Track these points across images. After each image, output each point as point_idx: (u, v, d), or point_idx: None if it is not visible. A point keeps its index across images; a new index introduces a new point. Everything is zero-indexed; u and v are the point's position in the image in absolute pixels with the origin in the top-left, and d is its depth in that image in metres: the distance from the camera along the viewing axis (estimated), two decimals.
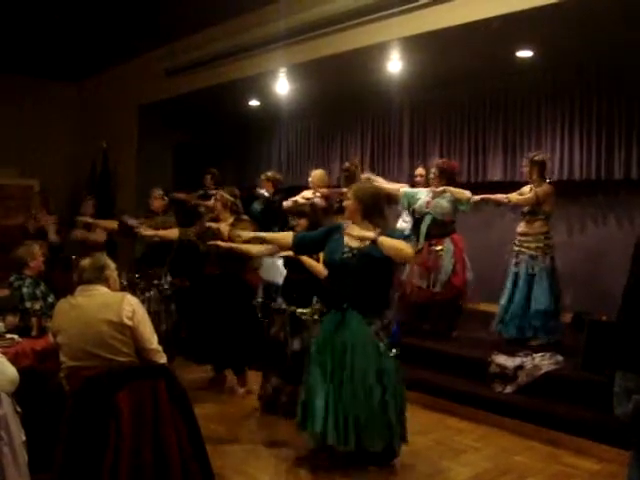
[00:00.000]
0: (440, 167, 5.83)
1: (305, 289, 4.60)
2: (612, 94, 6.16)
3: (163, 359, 3.24)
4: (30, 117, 9.43)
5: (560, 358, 4.86)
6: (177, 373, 5.03)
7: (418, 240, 5.70)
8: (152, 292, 5.96)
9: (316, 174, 6.76)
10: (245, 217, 5.63)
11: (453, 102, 7.46)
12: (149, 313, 5.68)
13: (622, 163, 6.11)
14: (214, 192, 5.52)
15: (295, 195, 6.70)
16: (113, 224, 6.88)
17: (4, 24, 7.25)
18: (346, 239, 3.81)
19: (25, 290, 4.51)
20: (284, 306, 4.69)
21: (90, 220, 7.06)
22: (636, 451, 2.85)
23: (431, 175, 5.93)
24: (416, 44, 5.80)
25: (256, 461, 4.07)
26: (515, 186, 5.87)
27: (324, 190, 6.51)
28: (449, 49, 5.92)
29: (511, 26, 5.15)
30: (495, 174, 7.11)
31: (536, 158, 5.54)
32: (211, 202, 6.67)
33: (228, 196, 5.56)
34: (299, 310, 4.59)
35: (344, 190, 6.24)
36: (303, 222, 4.71)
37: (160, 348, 3.24)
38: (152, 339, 3.21)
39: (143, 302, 5.72)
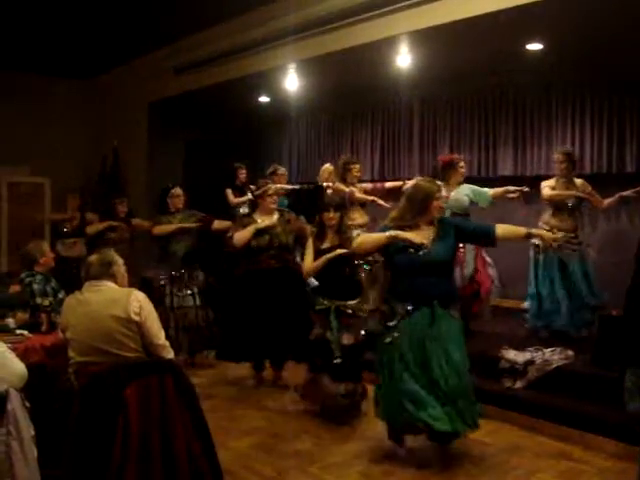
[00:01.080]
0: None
1: (346, 284, 4.62)
2: (623, 87, 6.10)
3: (170, 354, 3.25)
4: (40, 115, 9.46)
5: (570, 353, 4.82)
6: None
7: None
8: (195, 289, 6.10)
9: (327, 169, 6.81)
10: (286, 210, 5.62)
11: (463, 96, 7.42)
12: (193, 308, 6.00)
13: (634, 156, 6.07)
14: (265, 186, 5.43)
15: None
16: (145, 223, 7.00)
17: (14, 23, 7.29)
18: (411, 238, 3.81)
19: (36, 286, 4.53)
20: (326, 302, 4.63)
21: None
22: None
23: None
24: (425, 38, 5.76)
25: (264, 457, 4.07)
26: (525, 181, 5.83)
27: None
28: (458, 43, 5.88)
29: (520, 18, 5.11)
30: (505, 168, 7.06)
31: (573, 154, 5.66)
32: (245, 198, 7.13)
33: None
34: (349, 303, 4.58)
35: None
36: (337, 216, 4.72)
37: (167, 343, 3.24)
38: (159, 334, 3.21)
39: (186, 297, 6.00)
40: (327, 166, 6.98)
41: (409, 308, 3.80)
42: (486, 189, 5.71)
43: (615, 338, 4.25)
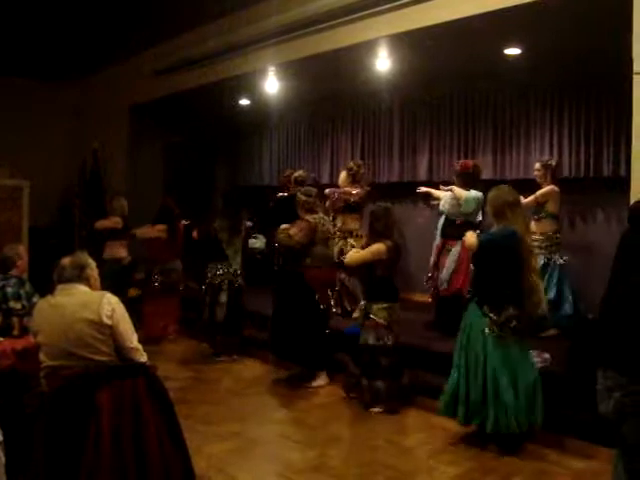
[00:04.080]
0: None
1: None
2: (600, 92, 6.15)
3: (143, 358, 3.21)
4: (21, 118, 9.34)
5: (547, 356, 4.83)
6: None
7: None
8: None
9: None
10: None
11: (442, 100, 7.45)
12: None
13: (611, 161, 6.11)
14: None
15: None
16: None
17: None
18: None
19: (9, 290, 4.49)
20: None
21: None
22: (620, 449, 2.85)
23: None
24: (404, 42, 5.77)
25: (239, 462, 4.03)
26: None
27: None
28: (437, 47, 5.89)
29: (499, 23, 5.13)
30: (485, 172, 7.07)
31: (548, 162, 5.92)
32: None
33: (302, 196, 5.78)
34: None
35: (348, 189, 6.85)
36: None
37: (140, 347, 3.21)
38: (132, 337, 3.17)
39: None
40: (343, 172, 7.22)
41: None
42: None
43: (590, 341, 4.28)
